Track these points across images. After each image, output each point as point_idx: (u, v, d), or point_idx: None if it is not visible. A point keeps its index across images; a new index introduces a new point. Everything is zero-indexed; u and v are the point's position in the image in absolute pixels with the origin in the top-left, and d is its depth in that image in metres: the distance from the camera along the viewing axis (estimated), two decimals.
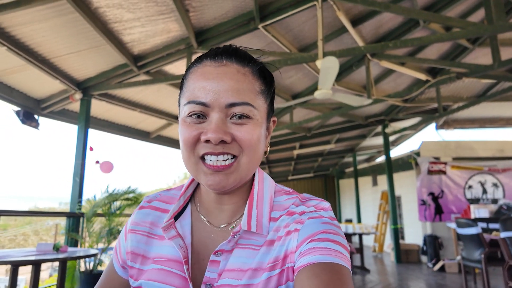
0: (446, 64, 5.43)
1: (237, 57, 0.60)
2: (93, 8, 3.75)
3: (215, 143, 0.56)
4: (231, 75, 0.58)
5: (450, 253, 7.54)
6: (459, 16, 5.23)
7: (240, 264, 0.59)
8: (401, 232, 9.57)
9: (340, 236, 0.58)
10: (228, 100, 0.57)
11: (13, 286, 2.69)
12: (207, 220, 0.67)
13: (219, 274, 0.59)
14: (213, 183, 0.58)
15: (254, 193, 0.64)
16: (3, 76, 4.53)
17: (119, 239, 0.73)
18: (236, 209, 0.66)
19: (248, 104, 0.58)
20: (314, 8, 4.45)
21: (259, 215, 0.62)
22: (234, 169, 0.59)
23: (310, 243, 0.56)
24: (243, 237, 0.61)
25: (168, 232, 0.63)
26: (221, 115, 0.57)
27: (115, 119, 6.53)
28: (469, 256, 4.40)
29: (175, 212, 0.66)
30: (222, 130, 0.56)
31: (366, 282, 5.79)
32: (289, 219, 0.62)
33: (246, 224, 0.61)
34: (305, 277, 0.52)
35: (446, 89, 7.23)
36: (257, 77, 0.61)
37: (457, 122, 9.23)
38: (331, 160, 13.68)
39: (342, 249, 0.56)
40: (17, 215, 5.34)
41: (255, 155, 0.60)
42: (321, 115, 7.06)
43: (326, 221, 0.60)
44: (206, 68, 0.59)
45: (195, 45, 4.63)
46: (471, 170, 7.93)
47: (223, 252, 0.60)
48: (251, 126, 0.58)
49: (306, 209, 0.63)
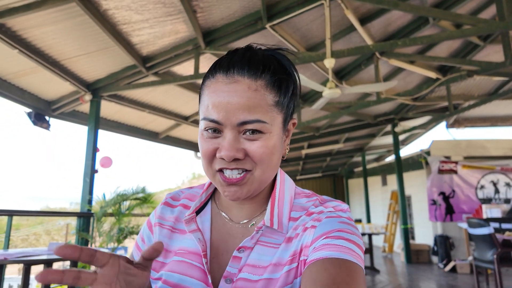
0: (457, 62, 5.36)
1: (250, 68, 0.60)
2: (102, 10, 3.79)
3: (228, 160, 0.59)
4: (242, 92, 0.58)
5: (462, 254, 7.44)
6: (469, 13, 5.15)
7: (260, 261, 0.62)
8: (411, 232, 9.46)
9: (356, 236, 0.59)
10: (239, 118, 0.58)
11: (25, 285, 2.73)
12: (228, 216, 0.69)
13: (239, 269, 0.61)
14: (229, 194, 0.61)
15: (276, 192, 0.67)
16: (15, 79, 4.61)
17: (142, 233, 0.75)
18: (256, 208, 0.68)
19: (259, 121, 0.59)
20: (322, 7, 4.43)
21: (279, 214, 0.65)
22: (247, 180, 0.61)
23: (324, 240, 0.57)
24: (265, 234, 0.64)
25: (189, 225, 0.66)
26: (234, 133, 0.59)
27: (124, 120, 6.59)
28: (481, 257, 4.33)
29: (196, 207, 0.69)
30: (235, 148, 0.58)
31: (376, 282, 5.75)
32: (308, 218, 0.64)
33: (269, 220, 0.63)
34: (315, 270, 0.53)
35: (456, 87, 7.14)
36: (271, 89, 0.61)
37: (468, 120, 9.10)
38: (340, 160, 13.61)
39: (357, 248, 0.57)
40: (29, 215, 5.43)
41: (268, 166, 0.62)
42: (330, 115, 7.02)
43: (343, 220, 0.61)
44: (218, 85, 0.60)
45: (203, 46, 4.65)
46: (483, 169, 7.80)
47: (246, 248, 0.63)
48: (263, 141, 0.60)
49: (325, 209, 0.65)
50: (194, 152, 8.86)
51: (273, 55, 0.66)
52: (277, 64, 0.64)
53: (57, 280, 0.42)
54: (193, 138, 8.27)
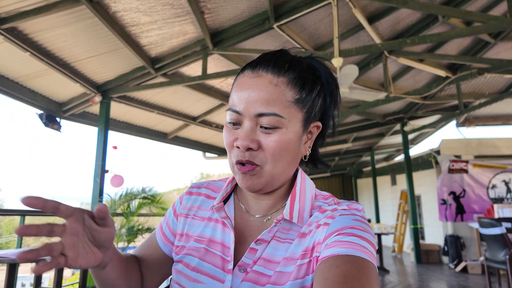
0: (467, 60, 5.29)
1: (275, 66, 0.63)
2: (111, 12, 3.84)
3: (243, 149, 0.62)
4: (263, 86, 0.62)
5: (473, 254, 7.34)
6: (480, 10, 5.08)
7: (274, 256, 0.63)
8: (421, 232, 9.37)
9: (368, 233, 0.60)
10: (257, 110, 0.61)
11: (38, 283, 2.78)
12: (246, 209, 0.72)
13: (254, 261, 0.63)
14: (244, 184, 0.65)
15: (296, 190, 0.69)
16: (27, 81, 4.68)
17: (167, 217, 0.79)
18: (273, 204, 0.70)
19: (276, 115, 0.61)
20: (330, 6, 4.42)
21: (301, 209, 0.67)
22: (257, 173, 0.63)
23: (337, 236, 0.58)
24: (281, 230, 0.65)
25: (219, 213, 0.69)
26: (251, 124, 0.62)
27: (133, 121, 6.65)
28: (493, 257, 4.27)
29: (223, 197, 0.72)
30: (250, 138, 0.61)
31: (386, 282, 5.71)
32: (321, 215, 0.66)
33: (288, 214, 0.64)
34: (326, 267, 0.54)
35: (467, 86, 7.04)
36: (292, 86, 0.63)
37: (479, 119, 8.96)
38: (349, 159, 13.52)
39: (369, 245, 0.57)
40: (41, 215, 5.51)
41: (280, 162, 0.64)
42: (338, 114, 6.98)
43: (357, 218, 0.62)
44: (244, 79, 0.65)
45: (211, 47, 4.67)
46: (495, 168, 7.68)
47: (263, 241, 0.65)
48: (278, 136, 0.62)
49: (339, 207, 0.66)
50: (202, 153, 8.90)
51: (307, 60, 0.70)
52: (306, 67, 0.67)
53: (34, 233, 0.48)
54: (201, 139, 8.30)
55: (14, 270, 2.61)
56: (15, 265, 2.68)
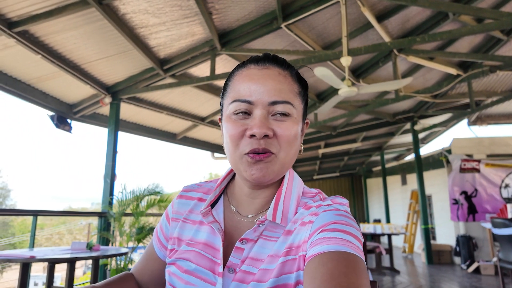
0: (478, 58, 5.20)
1: (277, 62, 0.68)
2: (120, 14, 3.87)
3: (259, 137, 0.62)
4: (274, 76, 0.65)
5: (486, 255, 7.22)
6: (491, 7, 5.00)
7: (261, 254, 0.64)
8: (432, 232, 9.25)
9: (352, 227, 0.59)
10: (271, 98, 0.63)
11: (50, 282, 2.82)
12: (237, 210, 0.72)
13: (242, 260, 0.64)
14: (255, 173, 0.63)
15: (283, 188, 0.69)
16: (38, 83, 4.76)
17: (161, 223, 0.80)
18: (265, 203, 0.70)
19: (288, 103, 0.64)
20: (338, 5, 4.39)
21: (285, 209, 0.66)
22: (272, 160, 0.63)
23: (321, 233, 0.58)
24: (269, 229, 0.66)
25: (207, 217, 0.70)
26: (264, 112, 0.63)
27: (143, 122, 6.71)
28: (507, 258, 4.19)
29: (211, 201, 0.72)
30: (266, 125, 0.62)
31: (396, 283, 5.65)
32: (306, 212, 0.66)
33: (271, 215, 0.65)
34: (314, 267, 0.53)
35: (478, 84, 6.93)
36: (295, 80, 0.68)
37: (491, 117, 8.82)
38: (358, 159, 13.43)
39: (353, 239, 0.56)
40: (52, 215, 5.59)
41: (291, 151, 0.65)
42: (347, 113, 6.94)
43: (340, 213, 0.62)
44: (251, 71, 0.66)
45: (219, 47, 4.68)
46: (508, 167, 7.55)
47: (248, 240, 0.65)
48: (290, 123, 0.64)
49: (323, 203, 0.66)
50: (211, 153, 8.94)
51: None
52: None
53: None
54: (210, 139, 8.34)
55: (27, 269, 2.66)
56: (28, 265, 2.72)
